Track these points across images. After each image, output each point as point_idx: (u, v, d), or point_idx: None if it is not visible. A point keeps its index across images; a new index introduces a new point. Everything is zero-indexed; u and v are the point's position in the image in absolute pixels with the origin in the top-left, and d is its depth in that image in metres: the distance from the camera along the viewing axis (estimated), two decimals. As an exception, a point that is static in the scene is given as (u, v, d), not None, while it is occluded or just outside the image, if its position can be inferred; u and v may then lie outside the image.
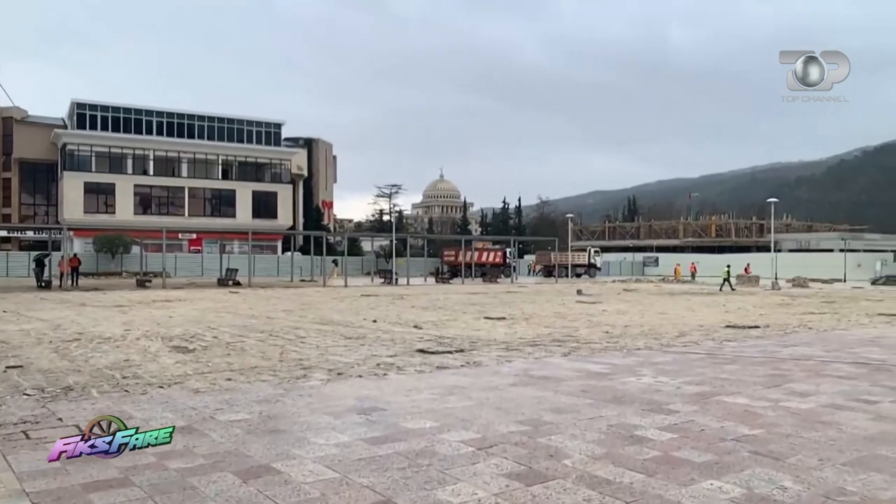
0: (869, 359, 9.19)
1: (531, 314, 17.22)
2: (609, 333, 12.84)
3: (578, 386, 7.01)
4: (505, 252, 52.14)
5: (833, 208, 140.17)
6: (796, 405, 6.09)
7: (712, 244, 72.90)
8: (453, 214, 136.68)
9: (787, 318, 16.63)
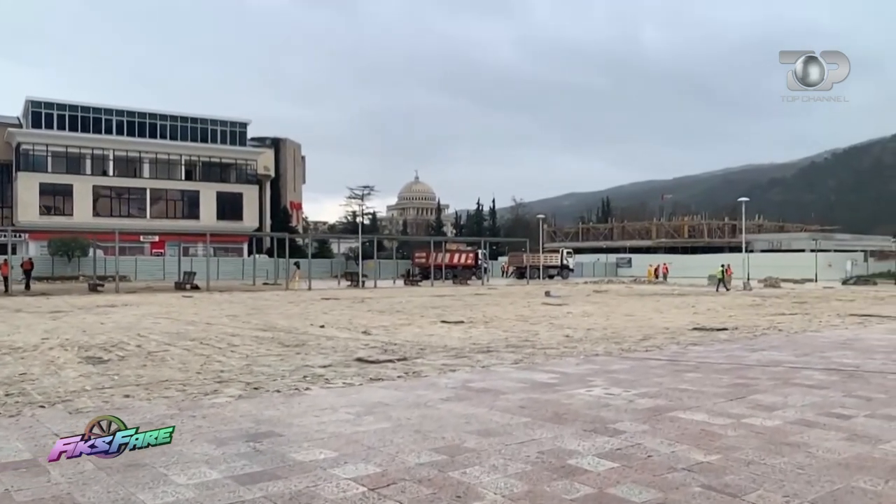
0: (841, 364, 8.51)
1: (492, 317, 16.43)
2: (569, 337, 12.10)
3: (518, 400, 6.19)
4: (477, 254, 51.40)
5: (804, 209, 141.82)
6: (761, 422, 5.32)
7: (685, 245, 72.89)
8: (428, 216, 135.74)
9: (757, 320, 16.03)
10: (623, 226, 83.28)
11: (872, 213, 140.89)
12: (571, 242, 79.80)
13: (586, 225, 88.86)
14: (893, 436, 4.90)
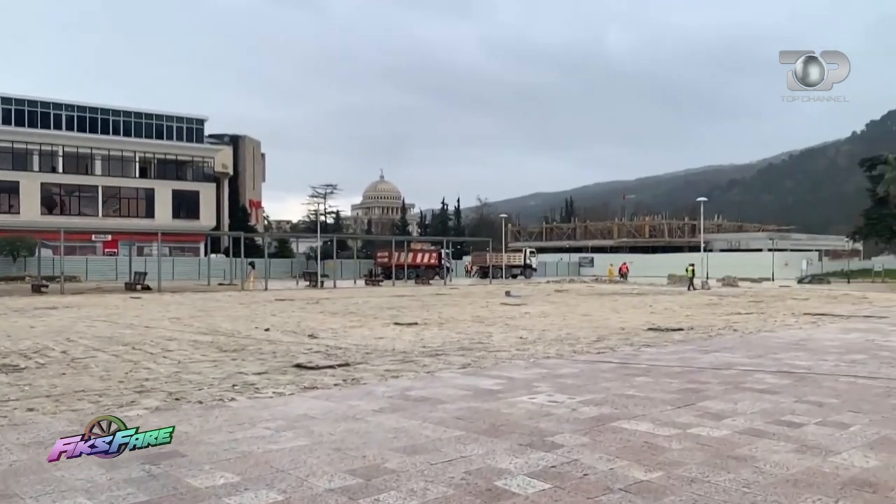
0: (793, 366, 8.30)
1: (448, 318, 16.03)
2: (523, 339, 11.77)
3: (456, 410, 5.79)
4: (440, 253, 51.03)
5: (762, 209, 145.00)
6: (708, 432, 5.00)
7: (646, 245, 73.60)
8: (393, 216, 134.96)
9: (713, 319, 15.93)
10: (586, 226, 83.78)
11: (827, 214, 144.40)
12: (535, 242, 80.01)
13: (550, 225, 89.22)
14: (844, 446, 4.63)
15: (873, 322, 14.91)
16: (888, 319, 15.54)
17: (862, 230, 66.22)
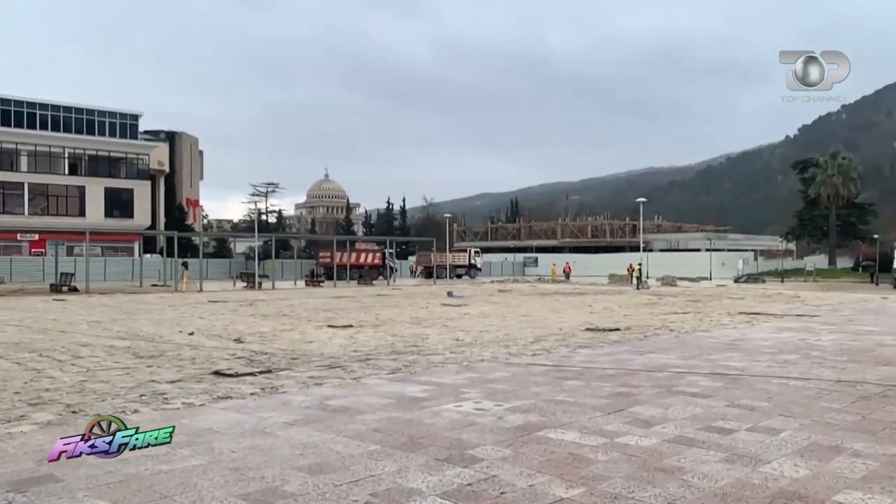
0: (727, 368, 8.22)
1: (386, 320, 15.62)
2: (459, 341, 11.48)
3: (375, 421, 5.41)
4: (384, 253, 50.43)
5: (701, 210, 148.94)
6: (636, 441, 4.77)
7: (588, 244, 74.56)
8: (337, 215, 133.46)
9: (651, 319, 15.98)
10: (530, 226, 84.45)
11: (762, 215, 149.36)
12: (481, 242, 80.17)
13: (495, 225, 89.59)
14: (775, 454, 4.45)
15: (805, 321, 15.17)
16: (819, 318, 15.86)
17: (795, 230, 68.80)
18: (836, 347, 10.19)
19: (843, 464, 4.24)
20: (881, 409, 5.83)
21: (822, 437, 4.86)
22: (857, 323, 14.62)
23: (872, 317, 16.42)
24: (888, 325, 14.26)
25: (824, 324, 14.37)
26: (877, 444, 4.70)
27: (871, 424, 5.27)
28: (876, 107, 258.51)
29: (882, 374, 7.70)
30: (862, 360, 8.81)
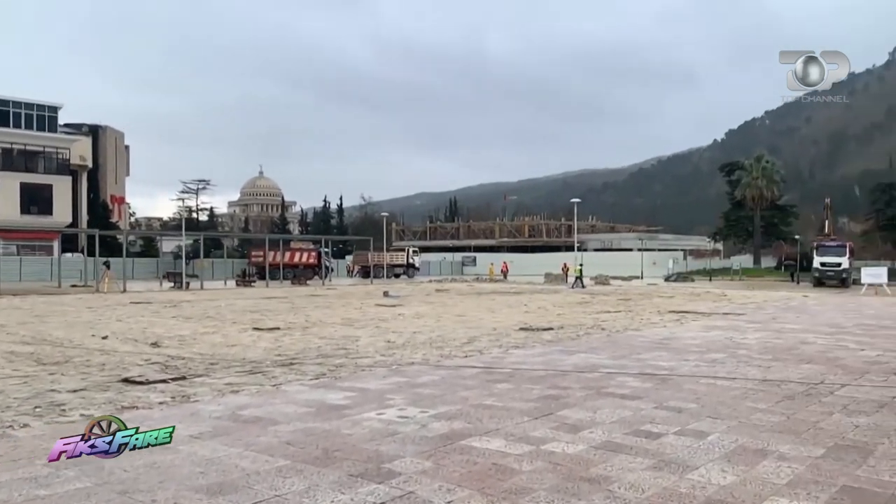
0: (657, 368, 8.19)
1: (316, 321, 15.15)
2: (391, 343, 11.16)
3: (290, 433, 5.05)
4: (319, 252, 49.51)
5: (634, 211, 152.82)
6: (563, 448, 4.57)
7: (525, 244, 75.32)
8: (272, 213, 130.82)
9: (583, 318, 16.04)
10: (469, 225, 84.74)
11: (692, 216, 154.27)
12: (419, 241, 79.94)
13: (434, 224, 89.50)
14: (702, 459, 4.32)
15: (731, 319, 15.50)
16: (745, 316, 16.24)
17: (722, 231, 71.20)
18: (761, 346, 10.36)
19: (770, 468, 4.14)
20: (804, 409, 5.83)
21: (749, 440, 4.78)
22: (781, 321, 15.02)
23: (794, 315, 16.94)
24: (809, 322, 14.70)
25: (750, 322, 14.70)
26: (801, 445, 4.65)
27: (795, 425, 5.24)
28: (796, 113, 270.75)
29: (805, 373, 7.80)
30: (785, 359, 8.94)
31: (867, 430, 5.08)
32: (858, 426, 5.22)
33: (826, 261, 37.20)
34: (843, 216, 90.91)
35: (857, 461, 4.28)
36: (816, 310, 18.60)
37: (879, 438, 4.85)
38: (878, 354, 9.40)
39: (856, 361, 8.73)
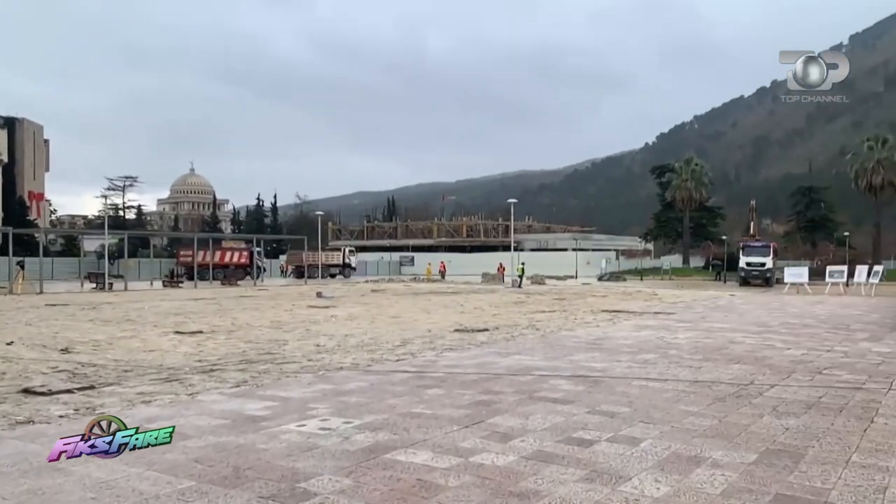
0: (589, 370, 8.08)
1: (243, 324, 14.56)
2: (320, 347, 10.76)
3: (199, 449, 4.65)
4: (251, 252, 48.24)
5: (569, 212, 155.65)
6: (492, 460, 4.34)
7: (463, 244, 75.54)
8: (203, 212, 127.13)
9: (519, 318, 15.97)
10: (407, 225, 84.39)
11: (624, 217, 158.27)
12: (356, 241, 79.14)
13: (371, 224, 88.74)
14: (635, 468, 4.16)
15: (662, 319, 15.71)
16: (675, 316, 16.50)
17: (653, 231, 73.24)
18: (692, 346, 10.44)
19: (703, 476, 4.01)
20: (736, 412, 5.79)
21: (682, 446, 4.66)
22: (710, 320, 15.30)
23: (723, 314, 17.33)
24: (737, 321, 15.03)
25: (680, 321, 14.92)
26: (734, 451, 4.55)
27: (727, 429, 5.17)
28: (723, 118, 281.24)
29: (734, 373, 7.84)
30: (716, 359, 9.00)
31: (797, 433, 5.05)
32: (788, 429, 5.19)
33: (751, 261, 38.55)
34: (767, 218, 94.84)
35: (788, 467, 4.20)
36: (743, 309, 19.11)
37: (809, 441, 4.81)
38: (803, 353, 9.59)
39: (783, 361, 8.87)
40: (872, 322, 15.05)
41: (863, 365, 8.61)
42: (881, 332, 12.93)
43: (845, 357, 9.33)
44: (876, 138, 56.26)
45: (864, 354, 9.63)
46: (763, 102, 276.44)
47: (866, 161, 54.31)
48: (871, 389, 6.90)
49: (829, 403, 6.17)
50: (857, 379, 7.52)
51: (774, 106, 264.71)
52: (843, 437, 4.93)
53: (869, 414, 5.74)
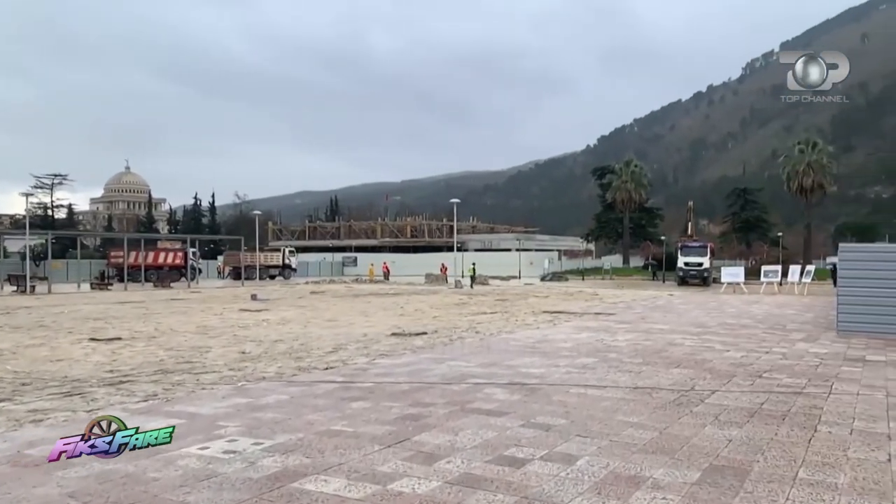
0: (527, 376, 7.72)
1: (166, 330, 13.71)
2: (245, 355, 10.12)
3: (79, 479, 4.04)
4: (186, 252, 46.53)
5: (513, 213, 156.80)
6: (413, 487, 3.88)
7: (408, 244, 74.91)
8: (139, 211, 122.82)
9: (459, 320, 15.58)
10: (350, 225, 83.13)
11: (567, 217, 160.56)
12: (298, 241, 77.53)
13: (314, 224, 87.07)
14: (570, 492, 3.78)
15: (602, 320, 15.57)
16: (615, 317, 16.38)
17: (594, 232, 74.17)
18: (632, 348, 10.22)
19: (644, 501, 3.65)
20: (677, 421, 5.49)
21: (621, 464, 4.30)
22: (649, 321, 15.23)
23: (662, 314, 17.33)
24: (676, 322, 14.99)
25: (620, 322, 14.79)
26: (676, 469, 4.22)
27: (668, 442, 4.85)
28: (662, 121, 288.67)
29: (674, 378, 7.60)
30: (655, 363, 8.77)
31: (740, 446, 4.77)
32: (731, 440, 4.90)
33: (689, 261, 39.21)
34: (704, 219, 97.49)
35: (734, 487, 3.88)
36: (682, 309, 19.19)
37: (753, 455, 4.53)
38: (743, 356, 9.47)
39: (723, 364, 8.71)
40: (807, 322, 15.25)
41: (801, 367, 8.52)
42: (816, 332, 13.05)
43: (784, 359, 9.24)
44: (807, 142, 58.19)
45: (802, 356, 9.58)
46: (699, 106, 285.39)
47: (798, 164, 56.08)
48: (811, 394, 6.74)
49: (772, 410, 5.94)
50: (796, 383, 7.37)
51: (710, 110, 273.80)
52: (787, 450, 4.67)
53: (812, 422, 5.52)
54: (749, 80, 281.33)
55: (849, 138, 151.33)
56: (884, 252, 12.58)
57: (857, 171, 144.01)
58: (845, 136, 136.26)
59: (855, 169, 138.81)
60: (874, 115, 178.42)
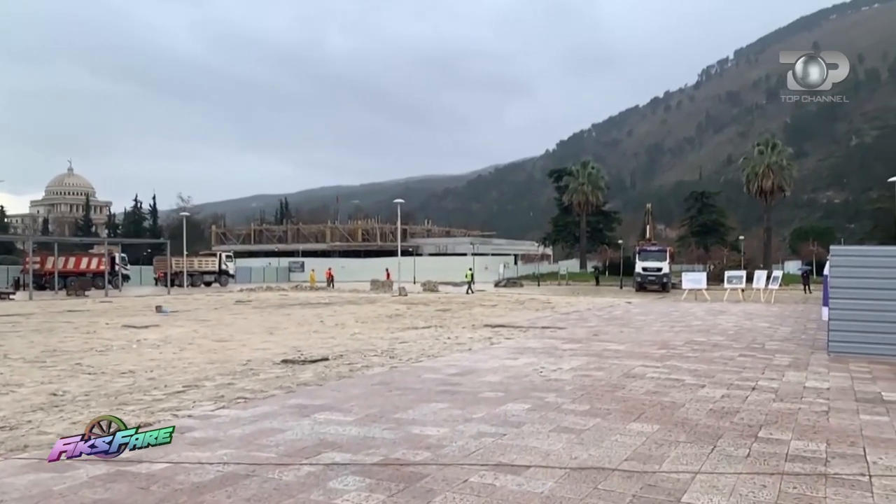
0: (417, 445, 5.12)
1: (4, 355, 10.78)
2: (55, 398, 7.43)
3: None
4: (113, 257, 42.96)
5: (472, 217, 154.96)
6: None
7: (359, 248, 72.03)
8: (80, 214, 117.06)
9: (380, 339, 12.95)
10: (298, 228, 79.77)
11: (525, 221, 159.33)
12: (244, 245, 74.05)
13: (259, 227, 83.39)
14: None
15: (548, 337, 13.11)
16: (564, 332, 13.94)
17: (551, 236, 72.15)
18: (578, 384, 7.73)
19: None
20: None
21: None
22: (603, 338, 12.82)
23: (618, 328, 14.97)
24: (634, 339, 12.60)
25: (568, 340, 12.33)
26: None
27: None
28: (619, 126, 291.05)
29: (633, 444, 5.09)
30: (608, 411, 6.28)
31: None
32: None
33: (648, 266, 37.19)
34: (661, 223, 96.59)
35: None
36: (641, 321, 16.88)
37: None
38: (723, 396, 7.05)
39: (699, 411, 6.26)
40: (787, 338, 13.01)
41: (806, 416, 6.13)
42: (802, 353, 10.77)
43: (778, 400, 6.86)
44: (766, 143, 56.98)
45: (800, 394, 7.22)
46: (656, 112, 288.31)
47: (757, 165, 54.80)
48: (842, 479, 4.30)
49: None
50: (812, 451, 4.94)
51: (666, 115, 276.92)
52: None
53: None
54: (705, 87, 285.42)
55: (801, 144, 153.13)
56: (884, 256, 10.35)
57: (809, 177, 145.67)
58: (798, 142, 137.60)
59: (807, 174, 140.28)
60: (826, 122, 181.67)
